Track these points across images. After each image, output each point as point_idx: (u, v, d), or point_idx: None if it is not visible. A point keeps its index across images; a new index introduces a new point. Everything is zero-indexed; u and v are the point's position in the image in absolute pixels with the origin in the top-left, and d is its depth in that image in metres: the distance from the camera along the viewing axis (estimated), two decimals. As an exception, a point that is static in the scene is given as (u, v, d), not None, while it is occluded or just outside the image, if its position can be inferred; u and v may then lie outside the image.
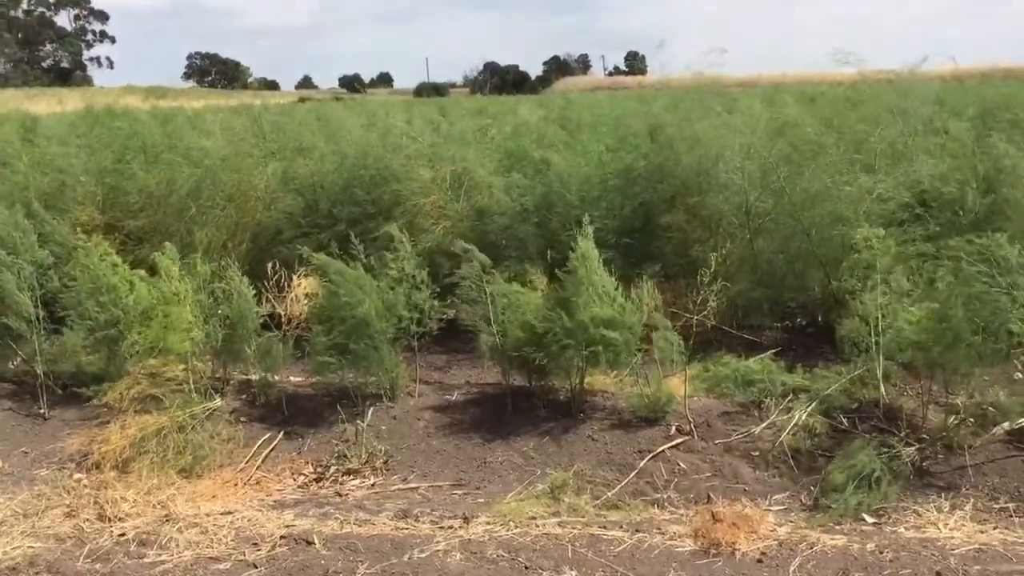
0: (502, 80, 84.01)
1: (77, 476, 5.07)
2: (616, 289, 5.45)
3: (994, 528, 4.16)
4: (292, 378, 6.27)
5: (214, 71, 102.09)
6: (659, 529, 4.26)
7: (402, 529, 4.34)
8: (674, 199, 7.60)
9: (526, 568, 3.91)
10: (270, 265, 6.80)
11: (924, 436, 4.84)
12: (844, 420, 5.05)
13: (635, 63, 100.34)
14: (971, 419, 4.84)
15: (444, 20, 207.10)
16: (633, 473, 4.80)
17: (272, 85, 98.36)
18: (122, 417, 5.27)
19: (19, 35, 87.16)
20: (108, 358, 5.92)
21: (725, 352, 6.09)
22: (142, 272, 5.98)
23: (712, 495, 4.57)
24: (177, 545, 4.22)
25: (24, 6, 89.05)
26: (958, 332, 4.64)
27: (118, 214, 8.14)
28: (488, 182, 7.90)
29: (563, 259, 5.51)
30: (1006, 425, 4.85)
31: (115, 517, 4.50)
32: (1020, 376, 5.30)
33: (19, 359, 6.46)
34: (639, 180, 7.71)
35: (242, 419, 5.65)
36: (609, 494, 4.62)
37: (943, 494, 4.46)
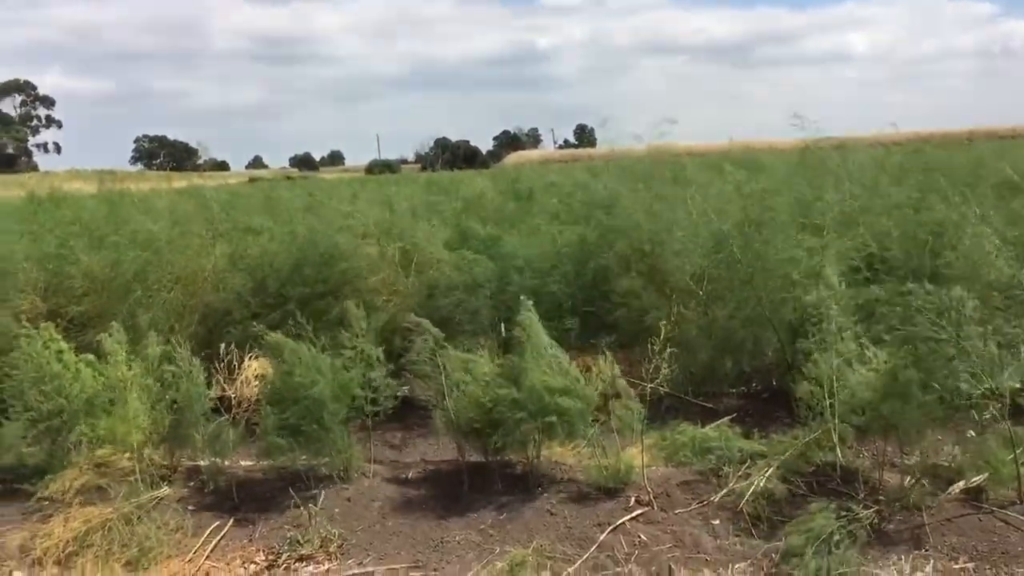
0: (453, 155, 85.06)
1: (17, 574, 4.90)
2: (570, 361, 5.51)
3: (955, 588, 4.18)
4: (243, 462, 6.17)
5: (163, 153, 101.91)
6: (621, 604, 4.21)
7: (358, 615, 4.25)
8: (628, 265, 7.77)
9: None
10: (221, 346, 6.79)
11: (881, 497, 4.88)
12: (802, 484, 5.08)
13: (584, 136, 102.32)
14: (926, 479, 4.90)
15: (394, 99, 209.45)
16: (593, 547, 4.77)
17: (222, 166, 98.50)
18: (66, 510, 5.13)
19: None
20: (51, 449, 5.78)
21: (682, 420, 6.11)
22: (90, 356, 5.89)
23: (673, 566, 4.54)
24: (122, 642, 4.08)
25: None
26: (908, 391, 4.73)
27: (61, 300, 8.04)
28: (438, 257, 8.01)
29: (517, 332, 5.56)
30: (961, 484, 4.91)
31: (57, 615, 4.35)
32: (972, 434, 5.38)
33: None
34: (593, 249, 7.90)
35: (191, 507, 5.53)
36: (569, 570, 4.57)
37: (903, 556, 4.47)
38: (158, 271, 7.92)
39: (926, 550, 4.52)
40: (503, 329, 6.77)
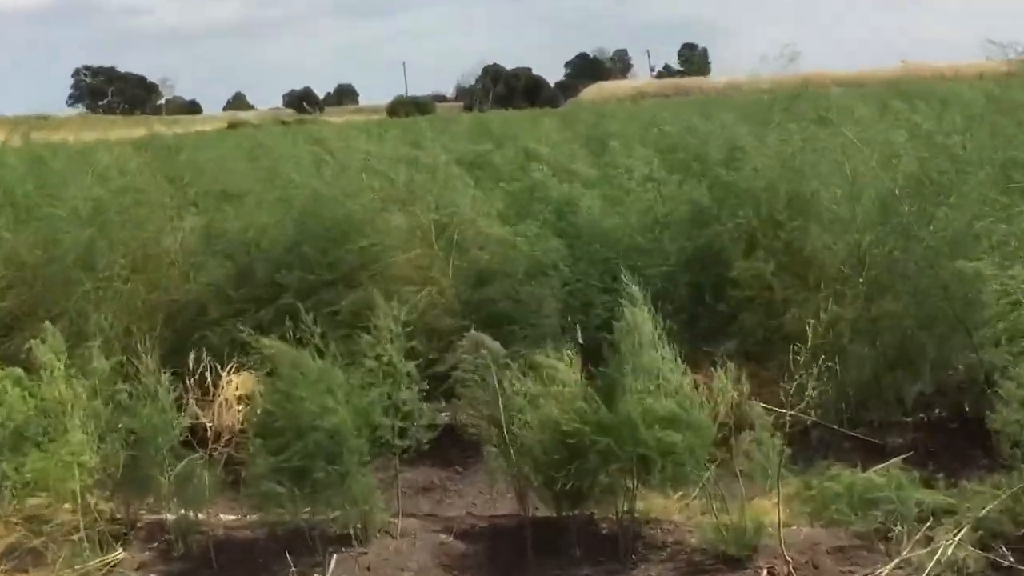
0: (508, 89, 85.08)
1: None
2: (682, 372, 5.48)
3: None
4: (223, 516, 6.20)
5: (111, 91, 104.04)
6: None
7: None
8: (755, 242, 7.74)
9: None
10: (191, 356, 6.88)
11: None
12: (1009, 553, 4.96)
13: (693, 60, 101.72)
14: None
15: (427, 9, 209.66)
16: (710, 639, 4.75)
17: (192, 107, 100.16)
18: (-13, 580, 5.22)
19: None
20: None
21: (834, 460, 6.03)
22: (17, 371, 5.98)
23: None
24: None
25: None
26: None
27: (-29, 295, 8.18)
28: (489, 232, 8.07)
29: (602, 333, 5.57)
30: None
31: None
32: None
33: None
34: (705, 219, 7.93)
35: (154, 576, 5.55)
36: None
37: None
38: (108, 254, 8.04)
39: None
40: (579, 333, 6.76)
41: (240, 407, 6.58)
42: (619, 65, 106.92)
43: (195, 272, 8.27)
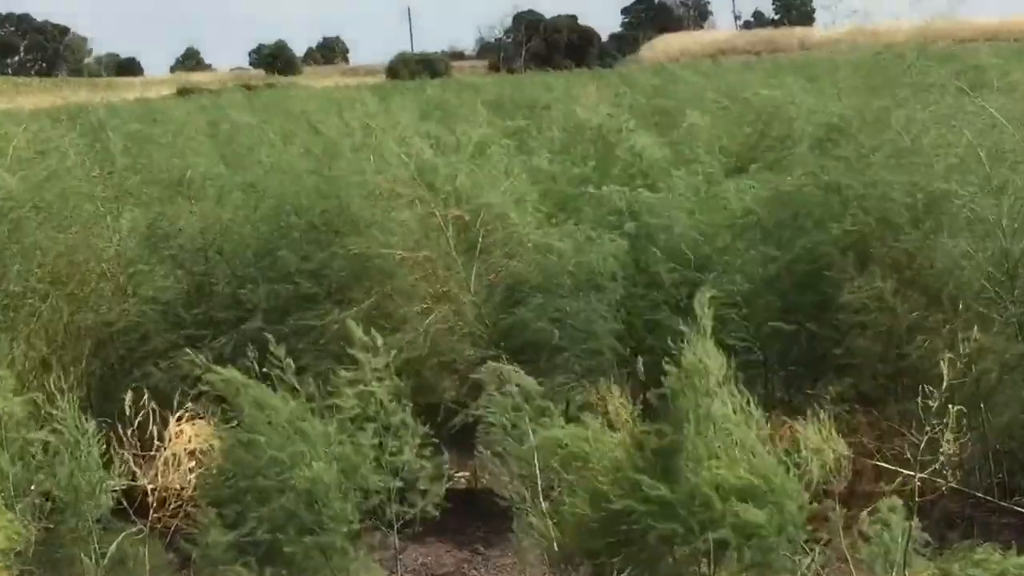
0: (548, 45, 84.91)
1: None
2: (757, 426, 5.44)
3: None
4: (169, 608, 6.20)
5: (23, 46, 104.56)
6: None
7: None
8: (867, 252, 7.72)
9: None
10: (127, 397, 6.83)
11: None
12: None
13: (790, 6, 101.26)
14: None
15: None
16: None
17: (128, 67, 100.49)
18: None
19: None
20: None
21: (979, 539, 5.84)
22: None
23: None
24: None
25: None
26: None
27: None
28: (522, 234, 8.08)
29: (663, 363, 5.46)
30: None
31: None
32: None
33: None
34: (801, 221, 7.93)
35: None
36: None
37: None
38: (20, 262, 8.07)
39: None
40: (640, 365, 6.63)
41: (192, 465, 6.59)
42: (693, 12, 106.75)
43: (135, 286, 8.33)
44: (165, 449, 6.85)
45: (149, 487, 6.50)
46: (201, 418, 6.89)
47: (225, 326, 7.92)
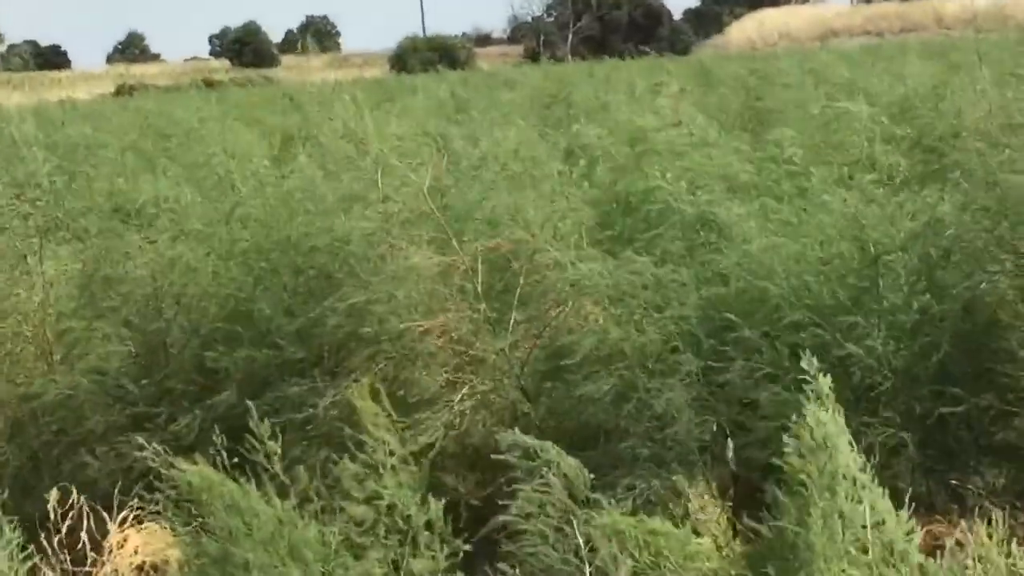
0: (603, 24, 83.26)
1: None
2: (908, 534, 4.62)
3: None
4: None
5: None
6: None
7: None
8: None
9: None
10: (53, 498, 6.37)
11: None
12: None
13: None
14: None
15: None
16: None
17: (54, 60, 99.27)
18: None
19: None
20: None
21: None
22: None
23: None
24: None
25: None
26: None
27: None
28: (573, 278, 7.32)
29: (769, 450, 5.14)
30: None
31: None
32: None
33: None
34: (956, 253, 7.34)
35: None
36: None
37: None
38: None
39: None
40: (730, 451, 6.70)
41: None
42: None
43: (67, 349, 7.96)
44: (105, 563, 6.51)
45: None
46: (151, 521, 6.62)
47: (186, 402, 7.69)
